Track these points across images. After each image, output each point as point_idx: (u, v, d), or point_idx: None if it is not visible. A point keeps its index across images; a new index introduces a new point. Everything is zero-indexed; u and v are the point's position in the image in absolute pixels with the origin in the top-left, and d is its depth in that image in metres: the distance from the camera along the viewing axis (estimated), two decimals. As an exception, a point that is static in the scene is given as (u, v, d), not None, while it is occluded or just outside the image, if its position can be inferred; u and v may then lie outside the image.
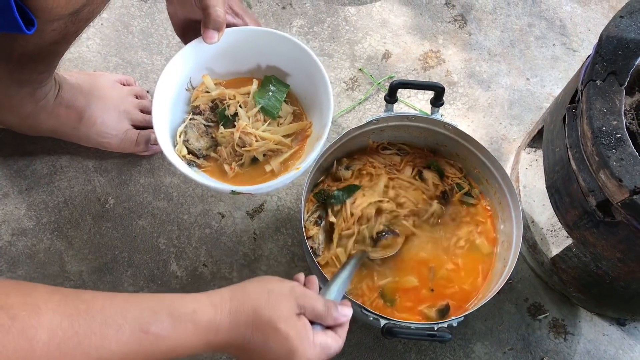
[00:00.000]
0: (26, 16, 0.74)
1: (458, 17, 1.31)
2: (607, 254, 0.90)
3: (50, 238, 1.07)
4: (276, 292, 0.70)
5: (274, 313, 0.68)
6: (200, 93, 0.88)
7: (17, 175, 1.10)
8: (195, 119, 0.87)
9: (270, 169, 0.86)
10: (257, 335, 0.68)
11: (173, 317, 0.63)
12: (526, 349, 1.04)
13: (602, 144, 0.79)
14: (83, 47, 1.21)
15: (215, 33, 0.83)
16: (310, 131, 0.89)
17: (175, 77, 0.86)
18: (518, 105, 1.23)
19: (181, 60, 0.85)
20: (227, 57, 0.89)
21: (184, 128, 0.87)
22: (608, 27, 0.87)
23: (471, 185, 1.03)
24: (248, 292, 0.69)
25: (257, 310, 0.68)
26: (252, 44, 0.88)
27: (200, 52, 0.86)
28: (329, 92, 0.84)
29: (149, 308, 0.63)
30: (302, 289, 0.73)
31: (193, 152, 0.86)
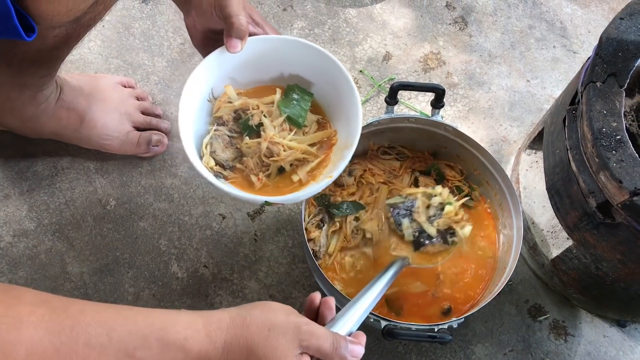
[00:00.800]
0: (26, 22, 0.74)
1: (458, 19, 1.31)
2: (607, 256, 0.90)
3: (52, 239, 1.07)
4: (278, 330, 0.65)
5: (271, 354, 0.64)
6: (222, 103, 0.86)
7: (19, 176, 1.10)
8: (220, 129, 0.85)
9: (298, 178, 0.84)
10: None
11: (162, 343, 0.60)
12: (526, 350, 1.04)
13: (602, 146, 0.79)
14: (84, 49, 1.21)
15: (238, 42, 0.81)
16: (335, 139, 0.87)
17: (198, 88, 0.84)
18: (518, 106, 1.24)
19: (204, 70, 0.83)
20: (249, 67, 0.87)
21: (209, 139, 0.84)
22: (608, 29, 0.87)
23: (471, 187, 1.03)
24: (248, 323, 0.64)
25: (253, 348, 0.63)
26: (275, 53, 0.86)
27: (222, 62, 0.84)
28: (357, 99, 0.82)
29: (137, 331, 0.59)
30: (308, 327, 0.67)
31: (220, 164, 0.84)
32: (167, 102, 1.18)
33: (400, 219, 0.90)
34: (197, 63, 0.83)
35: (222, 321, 0.64)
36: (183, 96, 0.81)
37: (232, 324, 0.64)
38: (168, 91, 1.19)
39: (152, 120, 1.12)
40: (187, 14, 0.87)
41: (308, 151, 0.85)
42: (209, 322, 0.63)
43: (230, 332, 0.63)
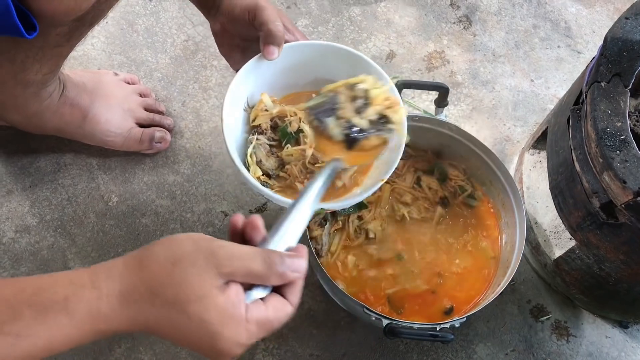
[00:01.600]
0: (28, 20, 0.74)
1: (463, 18, 1.31)
2: (610, 256, 0.89)
3: (54, 235, 1.07)
4: (186, 262, 0.53)
5: (180, 292, 0.52)
6: (259, 112, 0.85)
7: (21, 172, 1.10)
8: (260, 139, 0.84)
9: (342, 183, 0.84)
10: (163, 322, 0.53)
11: (37, 311, 0.50)
12: (528, 350, 1.04)
13: (606, 146, 0.79)
14: (88, 45, 1.21)
15: (276, 49, 0.80)
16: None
17: (237, 98, 0.83)
18: (522, 106, 1.23)
19: (242, 80, 0.82)
20: (284, 74, 0.86)
21: (252, 149, 0.83)
22: (613, 29, 0.86)
23: (474, 187, 1.03)
24: (146, 264, 0.53)
25: (158, 291, 0.52)
26: (309, 59, 0.85)
27: (258, 70, 0.83)
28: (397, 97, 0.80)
29: (3, 301, 0.50)
30: (226, 250, 0.54)
31: (266, 173, 0.83)
32: (170, 98, 1.18)
33: (324, 119, 0.75)
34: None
35: (113, 269, 0.53)
36: (225, 108, 0.79)
37: (127, 269, 0.53)
38: (171, 88, 1.19)
39: (155, 117, 1.12)
40: (214, 20, 0.86)
41: None
42: (95, 274, 0.53)
43: (126, 279, 0.53)
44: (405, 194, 1.01)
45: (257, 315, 0.55)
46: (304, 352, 1.01)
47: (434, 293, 0.96)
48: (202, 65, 1.21)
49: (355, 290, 0.94)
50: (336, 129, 0.75)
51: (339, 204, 0.79)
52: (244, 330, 0.54)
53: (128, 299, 0.52)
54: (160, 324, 0.53)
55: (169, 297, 0.52)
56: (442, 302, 0.95)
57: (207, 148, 1.14)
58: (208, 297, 0.52)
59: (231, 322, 0.53)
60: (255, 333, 0.55)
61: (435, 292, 0.96)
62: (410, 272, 0.96)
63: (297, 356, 1.01)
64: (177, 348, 1.00)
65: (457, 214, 1.01)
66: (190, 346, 0.55)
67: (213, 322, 0.52)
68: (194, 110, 1.17)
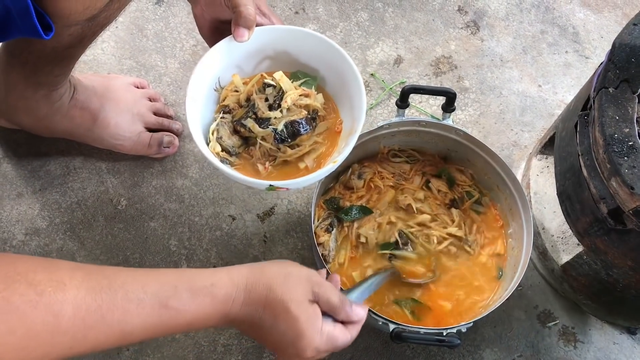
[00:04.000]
0: (44, 21, 0.75)
1: (470, 23, 1.31)
2: (618, 262, 0.89)
3: (63, 238, 1.08)
4: (294, 275, 0.71)
5: (288, 294, 0.69)
6: (229, 92, 0.88)
7: (31, 175, 1.11)
8: (225, 117, 0.87)
9: (304, 165, 0.86)
10: (268, 313, 0.68)
11: (192, 291, 0.65)
12: (535, 356, 1.04)
13: (614, 152, 0.79)
14: (98, 50, 1.22)
15: (246, 31, 0.82)
16: (340, 127, 0.89)
17: (205, 76, 0.86)
18: (530, 111, 1.23)
19: (211, 59, 0.85)
20: (255, 56, 0.89)
21: (215, 126, 0.86)
22: (621, 35, 0.86)
23: (482, 192, 1.03)
24: (265, 271, 0.70)
25: (272, 289, 0.69)
26: (281, 43, 0.88)
27: (229, 51, 0.86)
28: (360, 85, 0.84)
29: (168, 282, 0.64)
30: (320, 278, 0.73)
31: (226, 150, 0.86)
32: (179, 103, 1.19)
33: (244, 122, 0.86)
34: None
35: (242, 270, 0.70)
36: (190, 83, 0.83)
37: (251, 272, 0.70)
38: (180, 92, 1.20)
39: (164, 122, 1.12)
40: (195, 3, 0.88)
41: (316, 142, 0.87)
42: (230, 271, 0.69)
43: (251, 278, 0.69)
44: (418, 190, 1.01)
45: (328, 330, 0.72)
46: (311, 356, 1.01)
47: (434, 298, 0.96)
48: (211, 70, 1.21)
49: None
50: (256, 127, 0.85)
51: (288, 182, 0.82)
52: (318, 337, 0.70)
53: (252, 292, 0.68)
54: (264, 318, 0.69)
55: (278, 295, 0.68)
56: (442, 309, 0.95)
57: (215, 152, 1.15)
58: (303, 303, 0.70)
59: (313, 327, 0.70)
60: (325, 343, 0.71)
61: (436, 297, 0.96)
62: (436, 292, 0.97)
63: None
64: (185, 351, 1.01)
65: (464, 219, 1.01)
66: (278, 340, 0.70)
67: (303, 322, 0.69)
68: (203, 115, 1.18)
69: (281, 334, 0.69)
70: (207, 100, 0.88)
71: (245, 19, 0.81)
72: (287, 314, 0.68)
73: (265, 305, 0.68)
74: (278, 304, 0.68)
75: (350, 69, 0.85)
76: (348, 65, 0.86)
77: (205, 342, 1.02)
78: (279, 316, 0.69)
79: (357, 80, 0.85)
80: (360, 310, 0.76)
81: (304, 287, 0.70)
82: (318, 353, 0.71)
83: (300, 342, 0.69)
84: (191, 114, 0.83)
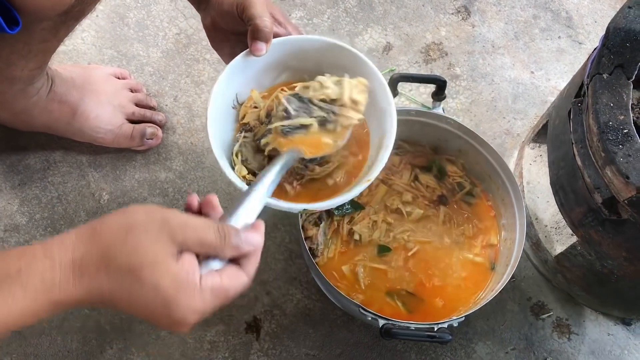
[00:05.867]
0: (10, 15, 0.72)
1: (461, 9, 1.28)
2: (612, 253, 0.87)
3: (43, 234, 1.05)
4: (139, 229, 0.54)
5: (134, 258, 0.53)
6: (248, 109, 0.83)
7: (10, 170, 1.08)
8: (247, 136, 0.82)
9: (333, 182, 0.81)
10: (117, 288, 0.53)
11: None
12: (529, 348, 1.02)
13: (609, 140, 0.77)
14: (77, 40, 1.18)
15: (263, 45, 0.78)
16: (368, 138, 0.84)
17: (223, 95, 0.81)
18: (522, 99, 1.21)
19: (229, 77, 0.80)
20: (274, 69, 0.84)
21: (239, 147, 0.81)
22: (615, 19, 0.84)
23: (473, 183, 1.01)
24: (99, 232, 0.54)
25: (111, 258, 0.53)
26: (300, 54, 0.83)
27: (246, 66, 0.81)
28: (389, 96, 0.79)
29: None
30: (180, 219, 0.56)
31: (252, 172, 0.80)
32: (161, 93, 1.15)
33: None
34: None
35: (66, 239, 0.54)
36: (210, 105, 0.77)
37: (79, 238, 0.54)
38: (163, 82, 1.16)
39: (147, 113, 1.09)
40: (205, 14, 0.84)
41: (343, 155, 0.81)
42: (48, 245, 0.53)
43: (79, 248, 0.53)
44: (405, 192, 0.99)
45: (211, 283, 0.55)
46: (300, 351, 0.99)
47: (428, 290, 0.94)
48: (195, 59, 1.18)
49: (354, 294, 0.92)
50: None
51: (321, 204, 0.77)
52: (198, 298, 0.54)
53: (81, 268, 0.53)
54: (114, 292, 0.53)
55: (122, 263, 0.53)
56: (435, 301, 0.93)
57: (200, 144, 1.12)
58: (161, 263, 0.53)
59: (185, 289, 0.54)
60: (210, 301, 0.55)
61: (429, 289, 0.94)
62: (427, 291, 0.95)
63: (292, 356, 0.99)
64: (171, 349, 0.98)
65: (456, 211, 0.99)
66: (145, 315, 0.55)
67: (166, 288, 0.53)
68: (186, 106, 1.15)
69: (146, 310, 0.54)
70: (226, 120, 0.82)
71: (262, 32, 0.77)
72: (140, 284, 0.52)
73: (108, 278, 0.52)
74: (125, 274, 0.52)
75: (376, 78, 0.80)
76: (373, 74, 0.80)
77: (192, 339, 0.99)
78: (132, 292, 0.53)
79: (385, 90, 0.79)
80: (251, 235, 0.58)
81: (157, 241, 0.53)
82: (204, 314, 0.56)
83: (173, 312, 0.54)
84: (214, 138, 0.76)
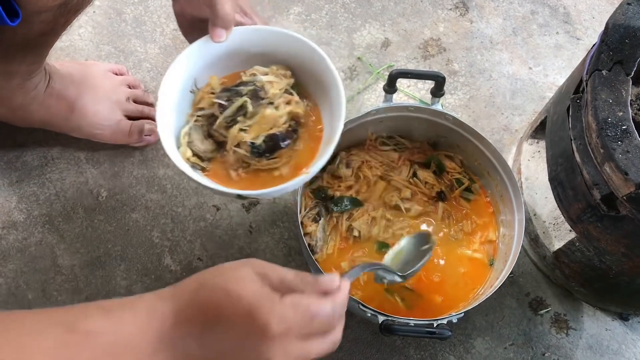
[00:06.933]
0: (10, 7, 0.72)
1: (459, 4, 1.28)
2: (611, 249, 0.87)
3: (42, 231, 1.04)
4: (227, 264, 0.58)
5: (221, 278, 0.56)
6: (205, 94, 0.84)
7: (7, 167, 1.08)
8: (200, 120, 0.83)
9: (279, 174, 0.82)
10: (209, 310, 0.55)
11: (105, 309, 0.54)
12: (527, 344, 1.02)
13: (608, 136, 0.77)
14: (75, 36, 1.18)
15: (223, 31, 0.79)
16: (321, 134, 0.85)
17: (180, 77, 0.82)
18: (520, 95, 1.21)
19: (186, 60, 0.81)
20: (234, 57, 0.85)
21: (188, 129, 0.82)
22: (615, 15, 0.84)
23: (472, 179, 1.01)
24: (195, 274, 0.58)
25: (203, 281, 0.56)
26: (261, 44, 0.84)
27: (206, 52, 0.82)
28: (340, 91, 0.80)
29: (77, 307, 0.54)
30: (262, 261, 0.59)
31: (197, 155, 0.82)
32: (159, 90, 1.15)
33: None
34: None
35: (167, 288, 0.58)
36: (162, 84, 0.79)
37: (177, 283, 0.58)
38: (160, 79, 1.12)
39: (144, 109, 1.09)
40: (175, 1, 0.85)
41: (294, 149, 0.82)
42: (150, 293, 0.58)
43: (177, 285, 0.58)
44: (404, 189, 0.99)
45: (291, 297, 0.55)
46: (299, 348, 0.99)
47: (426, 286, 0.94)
48: (193, 55, 1.18)
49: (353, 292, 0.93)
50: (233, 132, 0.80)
51: (257, 192, 0.77)
52: (279, 306, 0.54)
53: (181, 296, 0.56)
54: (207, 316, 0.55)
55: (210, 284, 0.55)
56: (433, 297, 0.93)
57: (198, 140, 1.11)
58: (245, 279, 0.55)
59: (265, 299, 0.54)
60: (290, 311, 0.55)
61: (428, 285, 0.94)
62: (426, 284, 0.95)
63: (291, 352, 0.99)
64: None
65: (454, 207, 0.99)
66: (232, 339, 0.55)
67: (248, 296, 0.54)
68: (185, 102, 1.14)
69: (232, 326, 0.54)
70: (182, 102, 0.83)
71: (222, 19, 0.78)
72: (226, 297, 0.54)
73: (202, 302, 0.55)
74: (215, 291, 0.54)
75: (331, 74, 0.81)
76: (329, 72, 0.81)
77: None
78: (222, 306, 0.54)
79: (337, 86, 0.80)
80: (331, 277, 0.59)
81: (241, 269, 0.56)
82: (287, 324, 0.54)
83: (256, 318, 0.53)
84: (161, 116, 0.78)
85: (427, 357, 1.00)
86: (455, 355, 1.01)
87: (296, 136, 0.82)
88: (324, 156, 0.78)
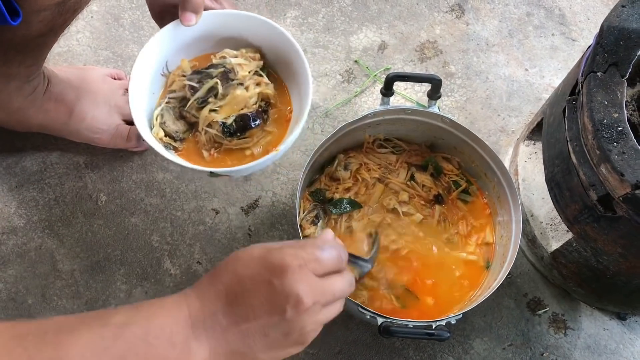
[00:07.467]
0: (11, 6, 0.72)
1: (455, 7, 1.29)
2: (608, 249, 0.88)
3: (41, 236, 1.05)
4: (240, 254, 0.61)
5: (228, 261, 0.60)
6: (176, 77, 0.88)
7: (6, 172, 1.08)
8: (171, 102, 0.87)
9: (250, 152, 0.86)
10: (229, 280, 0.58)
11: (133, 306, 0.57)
12: (526, 344, 1.03)
13: (603, 137, 0.77)
14: (73, 41, 1.18)
15: (193, 15, 0.82)
16: (290, 115, 0.89)
17: (151, 61, 0.85)
18: (517, 96, 1.21)
19: (157, 44, 0.84)
20: (204, 41, 0.88)
21: (160, 111, 0.86)
22: (609, 17, 0.84)
23: (469, 181, 1.01)
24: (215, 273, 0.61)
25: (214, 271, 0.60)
26: (231, 28, 0.88)
27: (176, 35, 0.85)
28: (307, 72, 0.83)
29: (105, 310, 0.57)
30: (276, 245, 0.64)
31: (170, 135, 0.86)
32: (158, 94, 1.15)
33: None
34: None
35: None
36: (134, 67, 0.82)
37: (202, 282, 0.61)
38: (159, 83, 1.16)
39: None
40: None
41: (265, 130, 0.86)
42: None
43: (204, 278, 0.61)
44: (401, 192, 0.99)
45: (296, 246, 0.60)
46: (299, 350, 1.00)
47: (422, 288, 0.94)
48: (190, 59, 1.18)
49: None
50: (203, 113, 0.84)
51: (229, 169, 0.81)
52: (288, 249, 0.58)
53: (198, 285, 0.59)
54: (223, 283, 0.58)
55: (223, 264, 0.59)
56: (429, 300, 0.93)
57: (197, 144, 1.12)
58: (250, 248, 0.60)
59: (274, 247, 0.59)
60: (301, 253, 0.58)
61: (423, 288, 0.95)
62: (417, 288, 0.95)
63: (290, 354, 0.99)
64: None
65: (451, 210, 1.00)
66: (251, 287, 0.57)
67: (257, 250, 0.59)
68: (183, 106, 1.15)
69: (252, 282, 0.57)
70: (154, 85, 0.87)
71: (192, 3, 0.80)
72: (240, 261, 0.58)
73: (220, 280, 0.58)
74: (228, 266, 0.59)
75: (298, 56, 0.85)
76: (296, 53, 0.85)
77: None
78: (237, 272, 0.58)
79: (304, 67, 0.84)
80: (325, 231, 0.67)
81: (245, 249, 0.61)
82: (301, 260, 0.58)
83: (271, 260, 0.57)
84: (134, 99, 0.82)
85: (426, 358, 1.00)
86: (454, 356, 1.01)
87: (267, 116, 0.86)
88: (292, 134, 0.82)
